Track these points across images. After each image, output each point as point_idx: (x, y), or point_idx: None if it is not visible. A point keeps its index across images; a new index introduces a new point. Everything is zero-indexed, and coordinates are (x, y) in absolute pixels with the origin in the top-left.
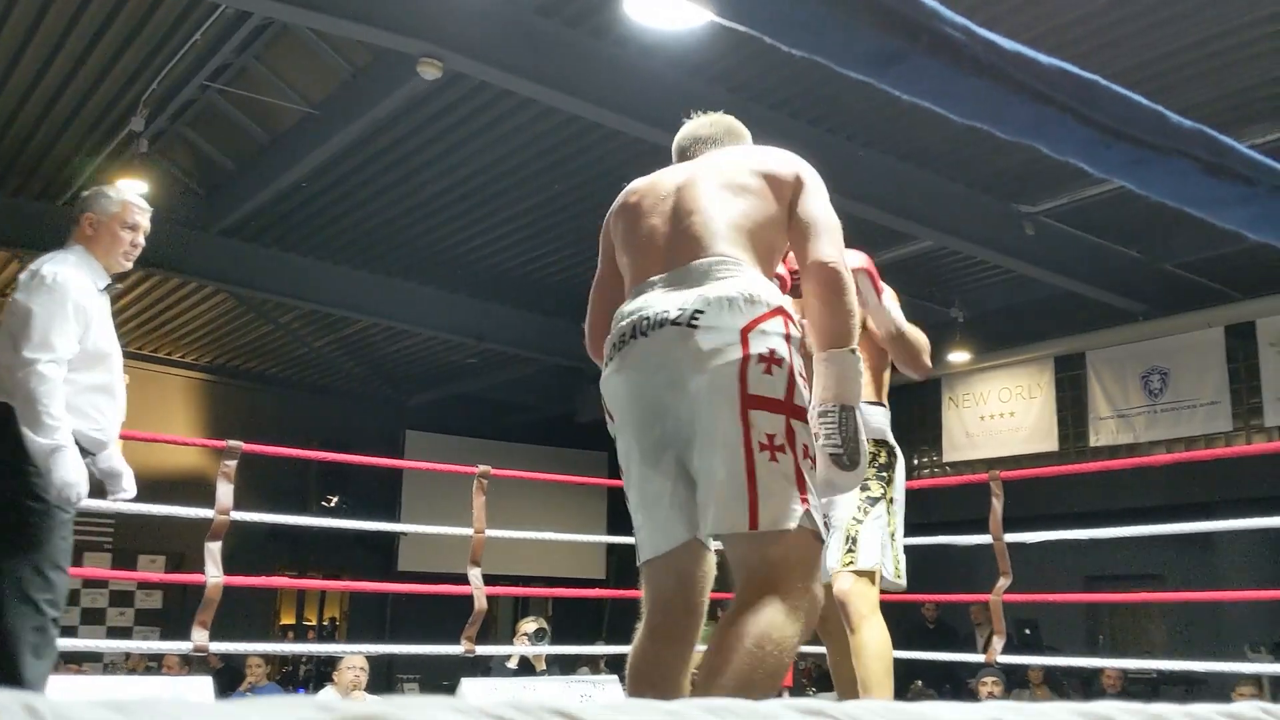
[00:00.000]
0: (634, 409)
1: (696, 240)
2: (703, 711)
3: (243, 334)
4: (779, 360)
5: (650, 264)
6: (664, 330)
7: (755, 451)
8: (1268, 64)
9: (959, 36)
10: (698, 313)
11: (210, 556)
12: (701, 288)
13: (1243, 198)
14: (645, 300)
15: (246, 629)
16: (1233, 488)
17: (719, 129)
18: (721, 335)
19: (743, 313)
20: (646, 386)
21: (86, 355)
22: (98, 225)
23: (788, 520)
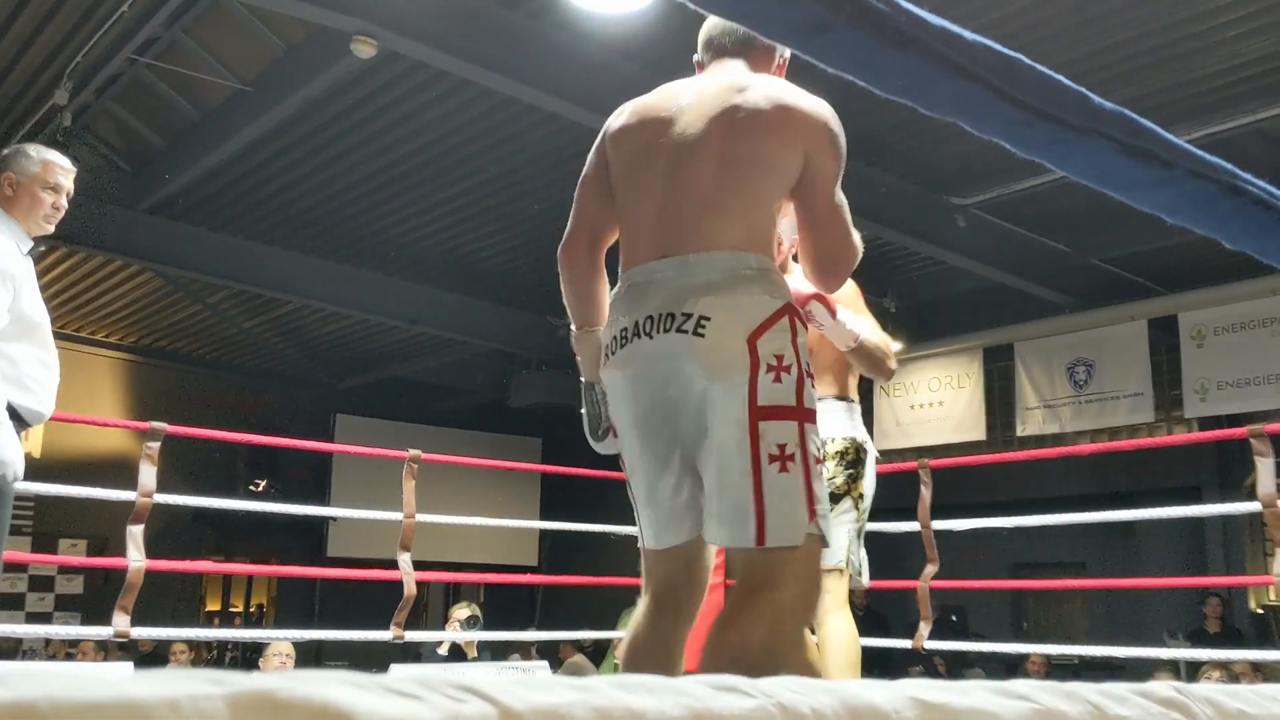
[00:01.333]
0: (640, 410)
1: (699, 224)
2: (615, 688)
3: (170, 314)
4: (787, 367)
5: (651, 244)
6: (669, 336)
7: (764, 465)
8: (1190, 64)
9: (883, 8)
10: (704, 319)
11: (133, 540)
12: (707, 287)
13: (1159, 180)
14: (646, 292)
15: (170, 615)
16: (1154, 478)
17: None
18: (729, 346)
19: (749, 317)
20: (652, 389)
21: (19, 324)
22: (17, 186)
23: (795, 536)
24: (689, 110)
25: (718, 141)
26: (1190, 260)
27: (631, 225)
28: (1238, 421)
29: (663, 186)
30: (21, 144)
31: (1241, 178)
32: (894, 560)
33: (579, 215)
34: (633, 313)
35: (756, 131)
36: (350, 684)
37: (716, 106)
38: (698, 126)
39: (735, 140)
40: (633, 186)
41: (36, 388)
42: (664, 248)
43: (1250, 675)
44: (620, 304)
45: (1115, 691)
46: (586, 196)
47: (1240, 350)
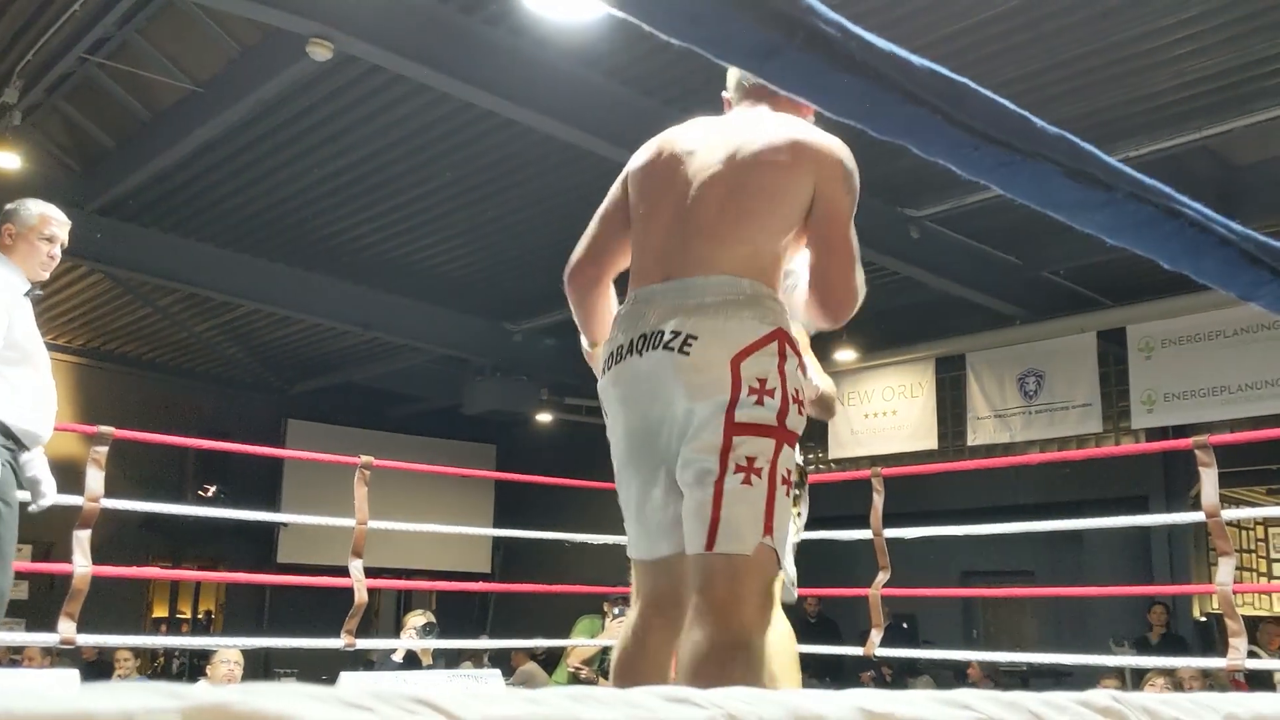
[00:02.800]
0: (629, 425)
1: (699, 251)
2: (567, 699)
3: (118, 316)
4: (770, 391)
5: (653, 265)
6: (657, 353)
7: (729, 473)
8: (1139, 81)
9: (834, 33)
10: (690, 339)
11: (79, 546)
12: (698, 311)
13: (1101, 202)
14: (643, 311)
15: (117, 621)
16: (1102, 487)
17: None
18: (713, 367)
19: (734, 340)
20: (640, 405)
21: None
22: (16, 236)
23: (745, 545)
24: (707, 144)
25: (728, 172)
26: (1139, 273)
27: (641, 250)
28: (1184, 432)
29: (672, 214)
30: (23, 199)
31: (1178, 200)
32: (846, 568)
33: (589, 242)
34: (629, 331)
35: (766, 163)
36: (305, 696)
37: (733, 141)
38: (712, 159)
39: (745, 172)
40: (646, 215)
41: (33, 412)
42: (667, 271)
43: (1196, 682)
44: (620, 323)
45: (1056, 700)
46: (600, 226)
47: (1187, 362)
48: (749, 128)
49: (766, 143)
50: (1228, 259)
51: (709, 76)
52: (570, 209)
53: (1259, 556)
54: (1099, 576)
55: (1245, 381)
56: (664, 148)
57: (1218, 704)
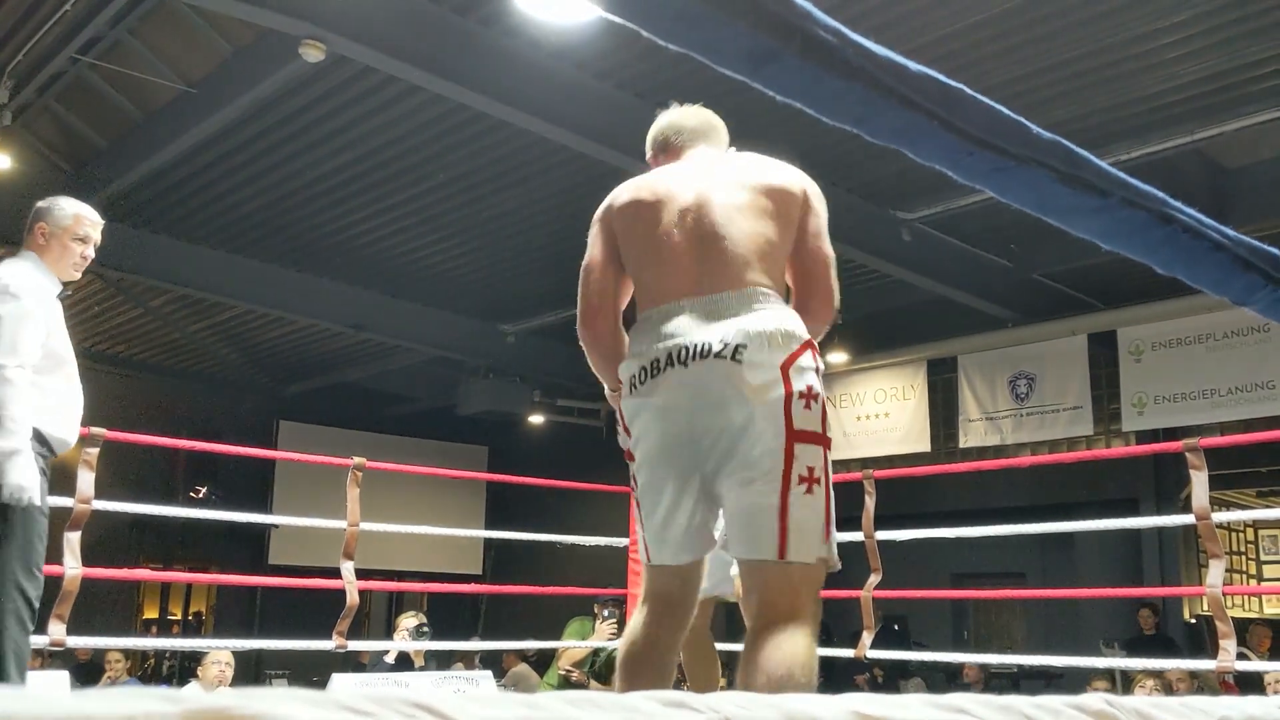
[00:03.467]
0: (666, 433)
1: (727, 267)
2: (565, 704)
3: (110, 317)
4: (816, 395)
5: (678, 284)
6: (707, 362)
7: (793, 485)
8: (1130, 84)
9: (831, 39)
10: (740, 347)
11: (69, 547)
12: (739, 320)
13: (1095, 208)
14: (678, 325)
15: (107, 623)
16: (1092, 490)
17: (702, 122)
18: (765, 371)
19: (781, 348)
20: (683, 414)
21: (49, 358)
22: (50, 236)
23: (812, 554)
24: (698, 179)
25: (739, 197)
26: (1129, 276)
27: (655, 275)
28: (1174, 435)
29: (687, 238)
30: (56, 197)
31: (1172, 205)
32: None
33: (596, 294)
34: (662, 343)
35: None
36: (304, 700)
37: (727, 174)
38: (718, 187)
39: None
40: (656, 245)
41: (63, 418)
42: (692, 289)
43: (1185, 683)
44: (645, 338)
45: (1049, 704)
46: (596, 280)
47: (1177, 365)
48: (740, 161)
49: (770, 171)
50: (1221, 265)
51: (703, 80)
52: (563, 210)
53: (1249, 559)
54: (1090, 579)
55: (1235, 384)
56: (648, 188)
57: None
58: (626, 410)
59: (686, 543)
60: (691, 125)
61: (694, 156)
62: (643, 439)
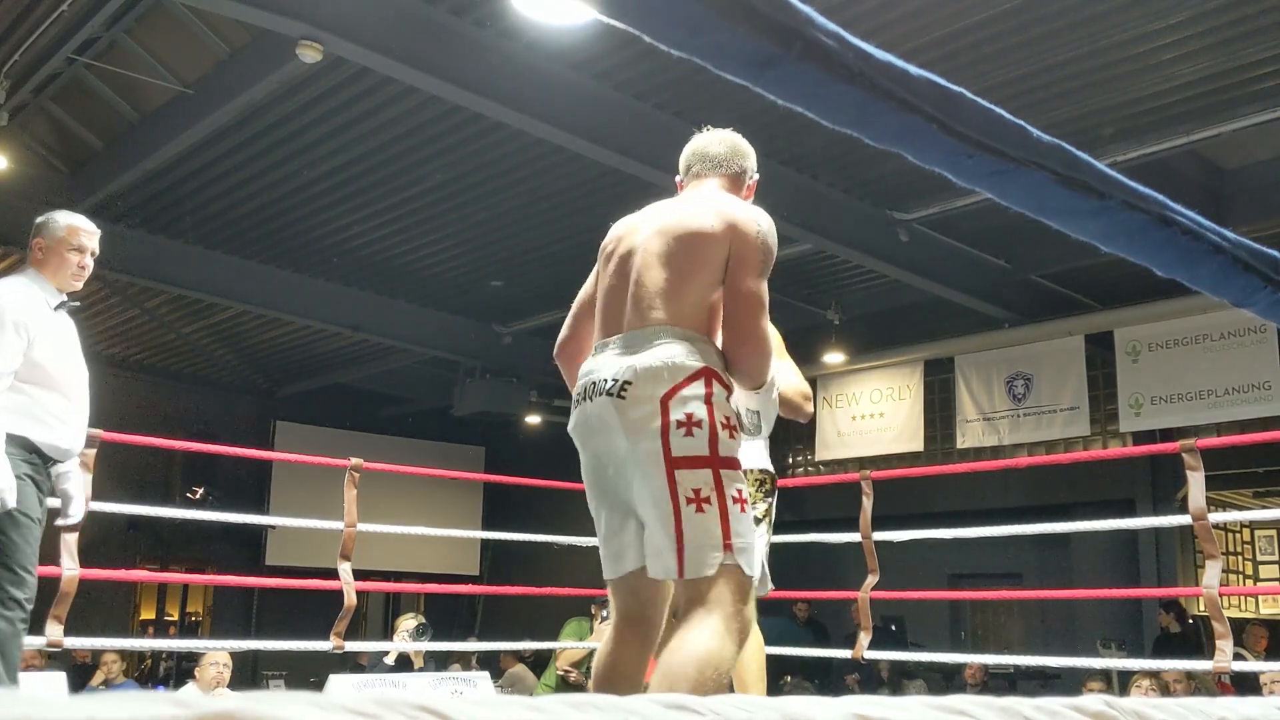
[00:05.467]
0: (585, 461)
1: (640, 308)
2: (567, 706)
3: (106, 318)
4: (698, 422)
5: (608, 324)
6: (600, 399)
7: (682, 506)
8: (1127, 85)
9: (831, 44)
10: (626, 384)
11: (66, 548)
12: (634, 357)
13: (1094, 210)
14: (593, 363)
15: (104, 624)
16: (1089, 490)
17: (722, 151)
18: (644, 405)
19: (664, 380)
20: (591, 445)
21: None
22: (46, 250)
23: (709, 568)
24: (651, 220)
25: (664, 241)
26: (1126, 277)
27: (598, 314)
28: (1170, 436)
29: (617, 279)
30: (54, 211)
31: (1171, 208)
32: (835, 570)
33: (568, 321)
34: (585, 378)
35: (693, 232)
36: (310, 703)
37: (670, 216)
38: (652, 231)
39: (675, 240)
40: (602, 286)
41: (55, 424)
42: (615, 328)
43: (1182, 684)
44: (581, 371)
45: (1049, 705)
46: (575, 307)
47: (1173, 366)
48: (685, 204)
49: (694, 214)
50: (1220, 267)
51: (700, 82)
52: (560, 212)
53: (1245, 559)
54: (1086, 579)
55: (1231, 385)
56: (621, 228)
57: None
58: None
59: (621, 554)
60: (714, 154)
61: (690, 192)
62: (581, 465)
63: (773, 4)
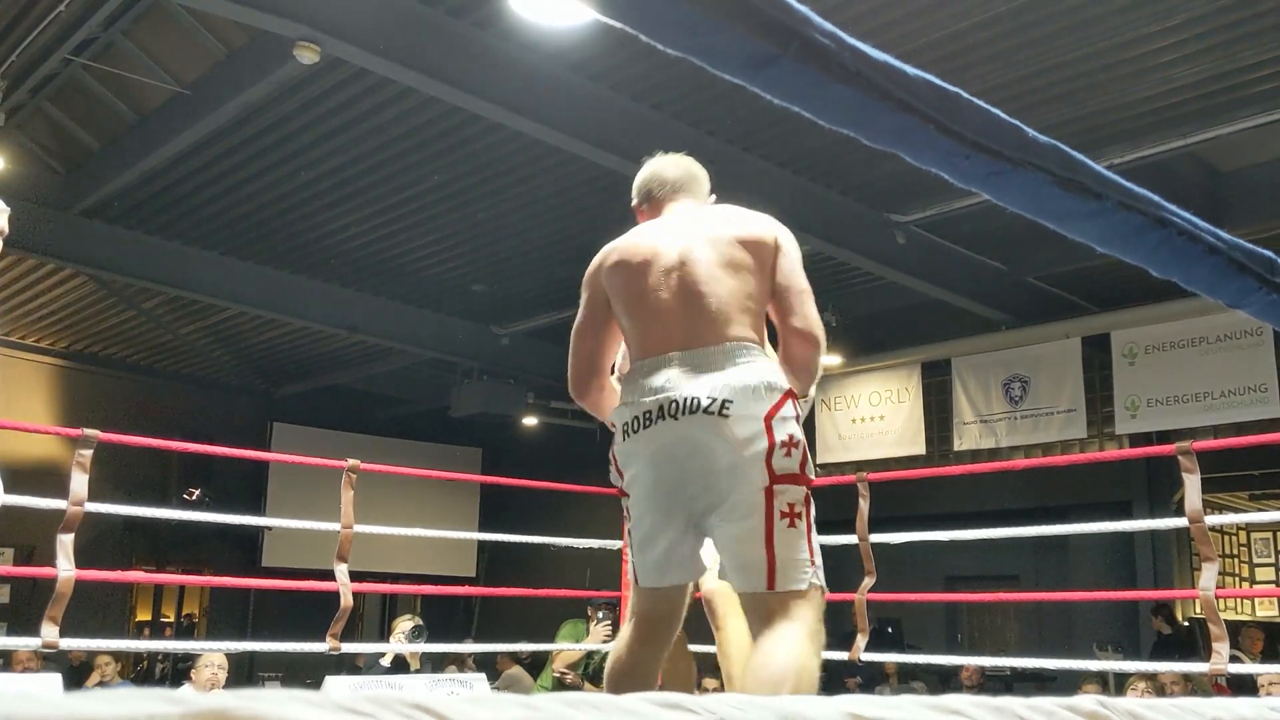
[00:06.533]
0: (658, 479)
1: (711, 322)
2: (563, 705)
3: (103, 319)
4: (797, 444)
5: (666, 338)
6: (696, 417)
7: (776, 519)
8: (1125, 88)
9: (829, 44)
10: (727, 402)
11: (62, 549)
12: (724, 374)
13: (1091, 212)
14: (667, 379)
15: (100, 625)
16: (1086, 493)
17: (684, 173)
18: (750, 424)
19: (764, 400)
20: (674, 463)
21: None
22: None
23: (799, 583)
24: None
25: (716, 253)
26: (1123, 279)
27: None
28: (1167, 438)
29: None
30: None
31: (1168, 209)
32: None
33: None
34: (653, 396)
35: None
36: (304, 701)
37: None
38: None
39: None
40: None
41: None
42: (679, 343)
43: (1178, 686)
44: (635, 389)
45: (1042, 705)
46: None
47: (1170, 368)
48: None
49: (744, 223)
50: (1216, 268)
51: (697, 83)
52: (557, 213)
53: (1241, 561)
54: (1083, 581)
55: (1228, 388)
56: (634, 249)
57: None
58: (620, 454)
59: (673, 570)
60: (673, 177)
61: (676, 210)
62: (636, 481)
63: (770, 4)
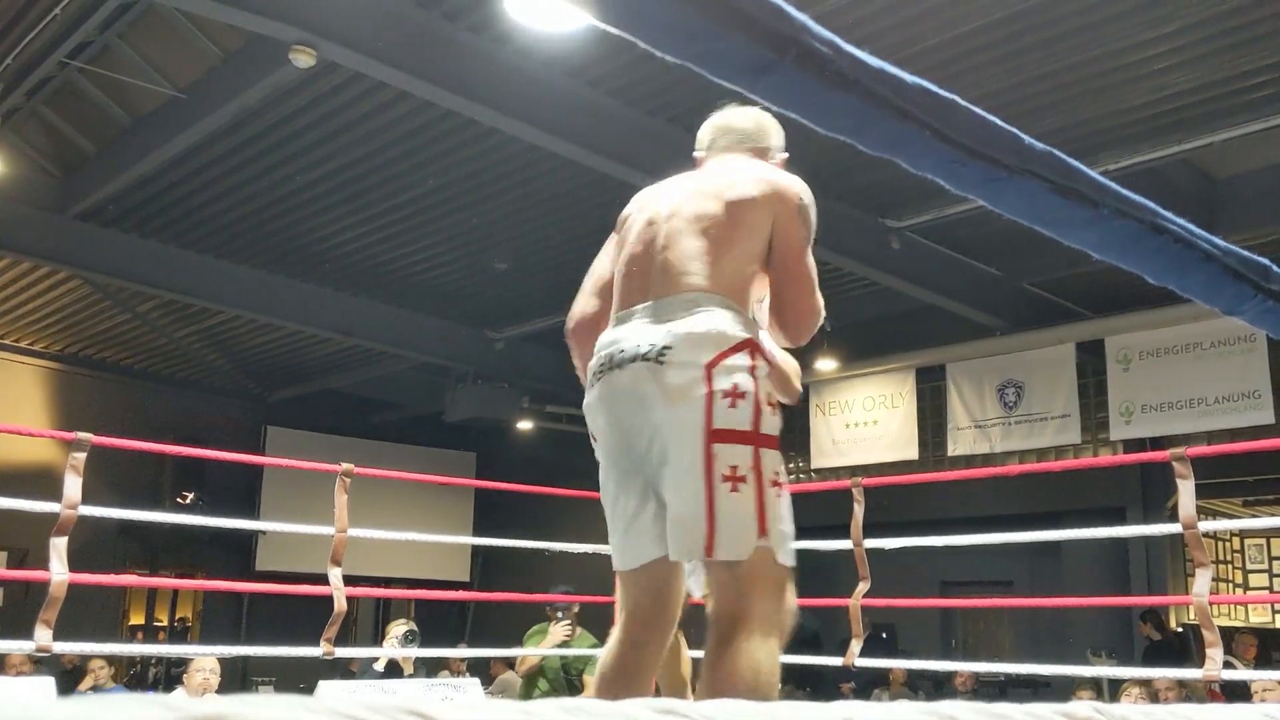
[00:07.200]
0: (610, 436)
1: (672, 274)
2: (558, 710)
3: (97, 322)
4: (742, 394)
5: (631, 292)
6: (635, 365)
7: (717, 483)
8: (1120, 95)
9: (826, 51)
10: (665, 349)
11: (56, 552)
12: (672, 323)
13: (1088, 219)
14: (623, 331)
15: (93, 629)
16: (1080, 498)
17: (748, 125)
18: (687, 371)
19: (709, 347)
20: (620, 417)
21: None
22: None
23: (743, 551)
24: (679, 189)
25: (697, 207)
26: (1118, 285)
27: (620, 283)
28: (1161, 444)
29: (645, 247)
30: None
31: (1164, 216)
32: (827, 578)
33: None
34: (608, 349)
35: (730, 199)
36: (300, 707)
37: (702, 184)
38: (683, 198)
39: (715, 205)
40: (625, 255)
41: None
42: (643, 296)
43: (1172, 692)
44: (600, 345)
45: (1039, 712)
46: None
47: (1164, 374)
48: (717, 173)
49: (731, 181)
50: (1211, 275)
51: (694, 88)
52: (552, 217)
53: (1234, 568)
54: (1077, 587)
55: (1222, 394)
56: (644, 199)
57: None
58: (586, 409)
59: (639, 541)
60: (732, 126)
61: (709, 165)
62: (597, 441)
63: (768, 11)
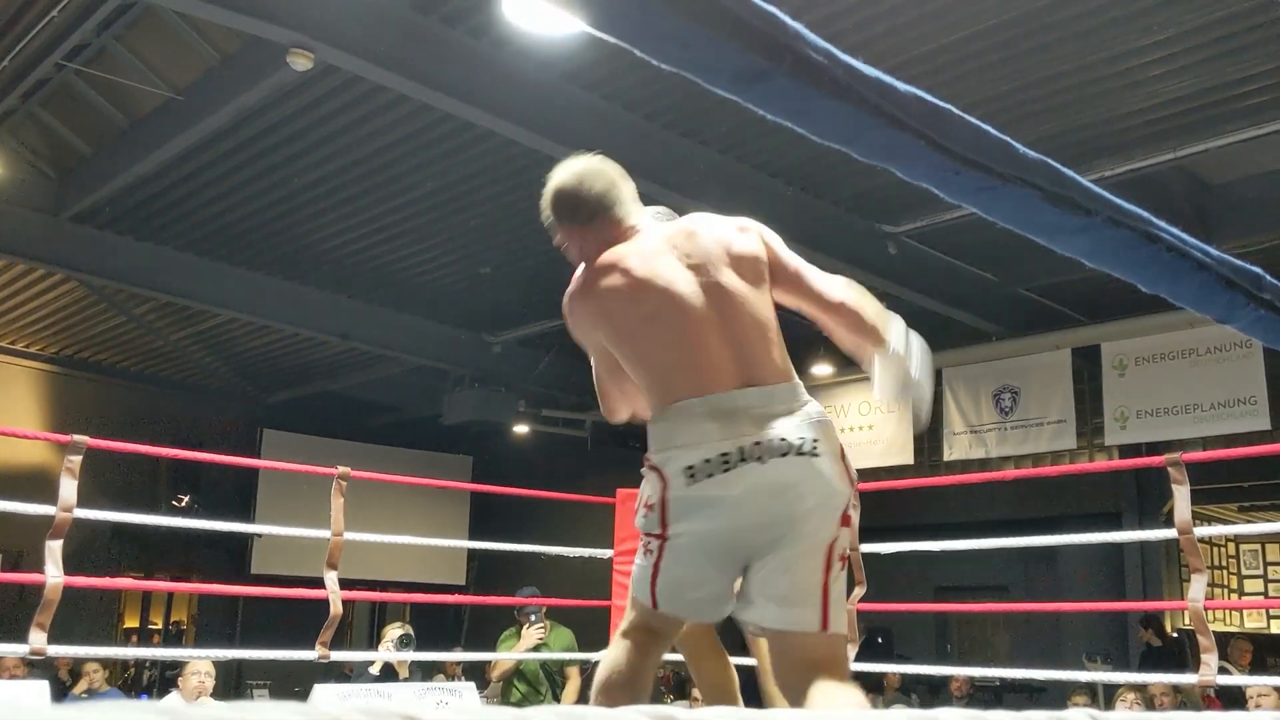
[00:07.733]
0: (734, 525)
1: (764, 357)
2: (554, 716)
3: (93, 324)
4: (854, 481)
5: (714, 376)
6: (789, 459)
7: (833, 563)
8: (1114, 101)
9: (821, 60)
10: (816, 440)
11: (51, 555)
12: (798, 415)
13: (1081, 227)
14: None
15: (88, 632)
16: (1075, 503)
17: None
18: (835, 463)
19: (834, 437)
20: (763, 508)
21: None
22: None
23: (843, 625)
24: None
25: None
26: (1113, 291)
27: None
28: (1156, 450)
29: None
30: None
31: (1157, 225)
32: None
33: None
34: (731, 439)
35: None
36: (296, 714)
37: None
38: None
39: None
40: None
41: None
42: (737, 379)
43: (1167, 697)
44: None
45: (1035, 719)
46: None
47: (1160, 380)
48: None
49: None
50: (1204, 283)
51: (689, 92)
52: None
53: (1230, 573)
54: (1072, 592)
55: (1218, 400)
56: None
57: None
58: (679, 500)
59: (708, 609)
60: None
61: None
62: (696, 527)
63: (763, 19)
